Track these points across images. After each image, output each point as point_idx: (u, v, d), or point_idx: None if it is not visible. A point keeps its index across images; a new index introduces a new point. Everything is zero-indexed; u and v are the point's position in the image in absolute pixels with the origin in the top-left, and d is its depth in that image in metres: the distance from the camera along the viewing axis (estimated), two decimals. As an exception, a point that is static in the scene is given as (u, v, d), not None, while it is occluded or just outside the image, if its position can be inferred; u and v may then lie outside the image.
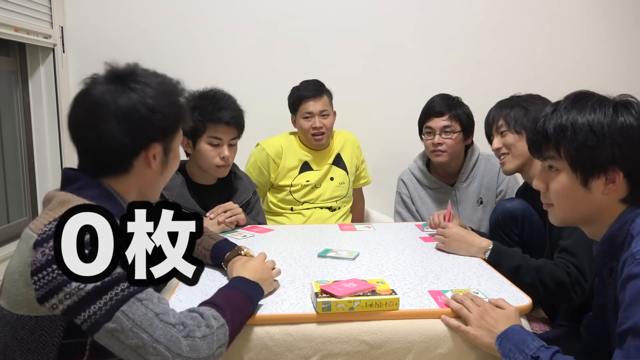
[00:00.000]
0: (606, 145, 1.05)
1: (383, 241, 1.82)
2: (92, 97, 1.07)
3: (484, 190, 2.26)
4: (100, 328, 0.94)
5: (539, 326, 1.78)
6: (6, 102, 2.60)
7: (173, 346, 0.96)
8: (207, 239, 1.53)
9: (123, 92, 1.06)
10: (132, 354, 0.96)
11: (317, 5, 2.89)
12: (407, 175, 2.38)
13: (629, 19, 3.01)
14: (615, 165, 1.06)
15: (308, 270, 1.49)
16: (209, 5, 2.86)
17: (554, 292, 1.50)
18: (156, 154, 1.11)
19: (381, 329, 1.17)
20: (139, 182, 1.12)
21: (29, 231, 0.99)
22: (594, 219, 1.13)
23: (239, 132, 2.02)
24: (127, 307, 0.95)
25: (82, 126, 1.07)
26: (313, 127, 2.41)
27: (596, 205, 1.10)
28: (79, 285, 0.93)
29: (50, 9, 2.73)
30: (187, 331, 0.99)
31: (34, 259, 0.94)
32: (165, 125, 1.11)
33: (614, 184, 1.07)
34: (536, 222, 1.80)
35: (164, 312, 0.98)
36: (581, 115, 1.08)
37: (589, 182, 1.09)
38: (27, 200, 2.72)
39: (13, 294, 0.97)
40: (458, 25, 2.95)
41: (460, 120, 2.19)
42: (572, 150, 1.08)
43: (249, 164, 2.49)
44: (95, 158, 1.08)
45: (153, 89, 1.09)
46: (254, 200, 2.19)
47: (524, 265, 1.54)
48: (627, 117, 1.06)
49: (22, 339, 0.97)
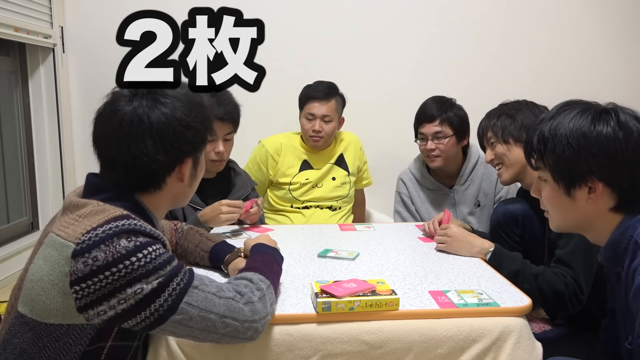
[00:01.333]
0: (581, 156, 1.05)
1: (383, 241, 1.82)
2: (123, 115, 1.05)
3: (482, 195, 2.26)
4: (167, 321, 0.99)
5: (539, 326, 1.78)
6: (6, 102, 2.60)
7: (238, 315, 1.05)
8: (206, 241, 1.53)
9: (155, 107, 1.06)
10: (203, 333, 1.03)
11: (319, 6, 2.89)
12: (406, 175, 2.38)
13: (629, 19, 3.01)
14: (593, 175, 1.06)
15: (308, 271, 1.49)
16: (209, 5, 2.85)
17: (551, 301, 1.49)
18: (188, 168, 1.12)
19: (381, 329, 1.17)
20: (169, 197, 1.14)
21: (59, 238, 0.97)
22: (587, 227, 1.14)
23: (233, 127, 2.03)
24: (188, 297, 1.00)
25: (114, 144, 1.06)
26: (312, 129, 2.39)
27: (584, 213, 1.11)
28: (135, 290, 0.95)
29: (50, 9, 2.73)
30: (245, 299, 1.07)
31: (74, 268, 0.94)
32: (198, 139, 1.12)
33: (596, 194, 1.07)
34: (537, 223, 1.80)
35: (219, 290, 1.06)
36: (562, 125, 1.08)
37: (571, 192, 1.09)
38: (27, 200, 2.72)
39: (42, 303, 0.96)
40: (459, 26, 2.95)
41: (451, 124, 2.17)
42: (552, 161, 1.10)
43: (249, 160, 2.50)
44: (128, 176, 1.07)
45: (182, 103, 1.09)
46: (253, 197, 2.19)
47: (524, 270, 1.53)
48: (604, 127, 1.05)
49: (44, 346, 0.97)
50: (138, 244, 0.97)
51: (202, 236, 1.55)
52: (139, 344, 1.12)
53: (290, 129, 2.60)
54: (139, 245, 0.97)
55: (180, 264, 1.04)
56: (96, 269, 0.93)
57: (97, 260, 0.93)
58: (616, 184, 1.06)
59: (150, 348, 1.18)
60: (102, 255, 0.94)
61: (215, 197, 2.01)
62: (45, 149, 2.78)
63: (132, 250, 0.96)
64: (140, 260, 0.96)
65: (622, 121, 1.05)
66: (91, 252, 0.94)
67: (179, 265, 1.03)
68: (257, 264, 1.23)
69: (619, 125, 1.05)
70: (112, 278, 0.94)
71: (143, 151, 1.04)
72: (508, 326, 1.20)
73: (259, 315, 1.08)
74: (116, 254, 0.94)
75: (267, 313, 1.11)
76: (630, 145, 1.04)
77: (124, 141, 1.05)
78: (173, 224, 1.57)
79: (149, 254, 0.97)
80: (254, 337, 1.09)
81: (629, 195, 1.07)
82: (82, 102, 2.87)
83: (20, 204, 2.69)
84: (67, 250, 0.95)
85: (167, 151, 1.07)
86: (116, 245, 0.95)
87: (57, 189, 2.79)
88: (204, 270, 1.49)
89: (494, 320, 1.21)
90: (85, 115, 3.11)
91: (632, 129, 1.05)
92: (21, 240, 2.52)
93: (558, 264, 1.52)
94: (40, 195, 2.78)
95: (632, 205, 1.08)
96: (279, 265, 1.29)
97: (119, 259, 0.94)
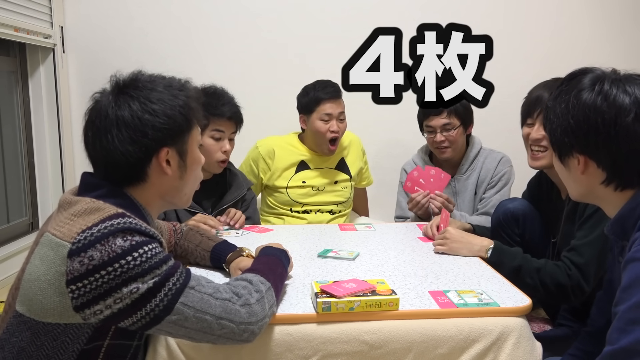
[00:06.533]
0: (563, 127, 1.04)
1: (383, 241, 1.82)
2: (95, 111, 1.09)
3: (479, 182, 2.28)
4: (162, 321, 0.99)
5: (539, 326, 1.78)
6: (6, 102, 2.60)
7: (234, 317, 1.04)
8: (206, 241, 1.53)
9: (124, 101, 1.07)
10: (199, 334, 1.03)
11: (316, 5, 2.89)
12: (409, 165, 2.39)
13: (629, 19, 3.01)
14: (573, 149, 1.04)
15: (308, 270, 1.49)
16: (208, 5, 2.86)
17: (554, 293, 1.50)
18: (170, 159, 1.11)
19: (381, 329, 1.17)
20: (159, 191, 1.12)
21: (54, 238, 0.98)
22: (595, 198, 1.10)
23: (238, 127, 2.05)
24: (184, 297, 1.00)
25: (91, 140, 1.09)
26: (331, 130, 2.32)
27: (582, 184, 1.08)
28: (131, 289, 0.95)
29: (50, 9, 2.73)
30: (242, 301, 1.07)
31: (70, 268, 0.94)
32: (173, 127, 1.09)
33: (584, 167, 1.05)
34: (538, 222, 1.80)
35: (215, 291, 1.05)
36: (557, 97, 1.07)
37: (564, 161, 1.09)
38: (27, 200, 2.72)
39: (39, 302, 0.96)
40: (458, 26, 2.94)
41: (458, 115, 2.18)
42: (547, 132, 1.10)
43: (243, 161, 2.49)
44: (109, 170, 1.08)
45: (158, 93, 1.09)
46: (250, 197, 2.19)
47: (525, 265, 1.53)
48: (588, 96, 1.00)
49: (42, 344, 0.98)
50: (134, 243, 0.97)
51: (203, 236, 1.55)
52: (139, 344, 1.11)
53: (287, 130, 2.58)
54: (135, 244, 0.97)
55: (177, 263, 1.04)
56: (92, 268, 0.94)
57: (93, 260, 0.94)
58: (598, 157, 1.02)
59: (149, 348, 1.18)
60: (98, 254, 0.94)
61: (211, 198, 2.01)
62: (45, 149, 2.78)
63: (127, 249, 0.96)
64: (136, 259, 0.96)
65: (605, 90, 1.00)
66: (87, 252, 0.94)
67: (175, 265, 1.02)
68: (260, 265, 1.23)
69: (601, 95, 1.00)
70: (108, 277, 0.94)
71: (111, 141, 1.05)
72: (508, 326, 1.20)
73: (255, 318, 1.07)
74: (112, 253, 0.94)
75: (265, 315, 1.10)
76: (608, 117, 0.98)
77: (97, 135, 1.07)
78: (172, 225, 1.57)
79: (145, 253, 0.97)
80: (250, 339, 1.08)
81: (616, 169, 1.02)
82: (82, 102, 2.84)
83: (20, 204, 2.69)
84: (63, 250, 0.95)
85: (134, 141, 1.06)
86: (112, 244, 0.95)
87: (57, 189, 2.79)
88: (204, 270, 1.49)
89: (494, 320, 1.21)
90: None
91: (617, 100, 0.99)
92: (21, 240, 2.52)
93: (570, 253, 1.52)
94: (40, 195, 2.78)
95: (623, 178, 1.03)
96: (284, 268, 1.29)
97: (115, 258, 0.94)
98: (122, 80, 1.10)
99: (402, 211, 2.37)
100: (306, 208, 2.43)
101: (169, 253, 1.06)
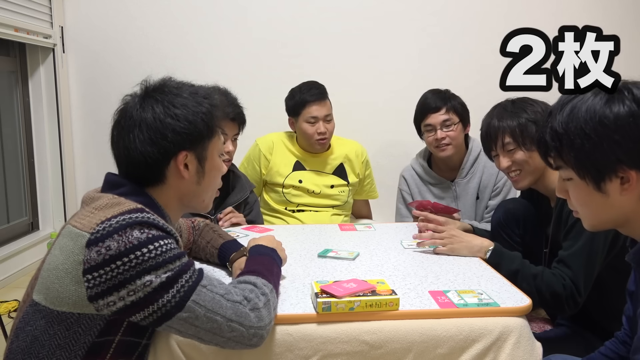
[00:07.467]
0: (604, 146, 0.93)
1: (383, 241, 1.82)
2: (122, 112, 1.13)
3: (482, 187, 2.27)
4: (173, 317, 0.99)
5: (539, 326, 1.78)
6: (6, 102, 2.60)
7: (245, 321, 1.04)
8: (217, 238, 1.53)
9: (149, 104, 1.10)
10: (208, 334, 1.03)
11: (316, 5, 2.89)
12: (408, 171, 2.39)
13: (629, 19, 3.01)
14: (623, 164, 0.93)
15: (308, 270, 1.49)
16: (208, 6, 2.86)
17: (549, 301, 1.49)
18: (188, 163, 1.13)
19: (381, 329, 1.17)
20: (177, 194, 1.15)
21: (75, 229, 1.00)
22: (624, 222, 1.00)
23: (241, 128, 2.06)
24: (196, 295, 1.01)
25: (115, 140, 1.13)
26: (318, 132, 2.35)
27: (620, 207, 0.97)
28: (145, 282, 0.96)
29: (50, 9, 2.73)
30: (251, 305, 1.06)
31: (88, 257, 0.96)
32: (193, 132, 1.12)
33: (630, 184, 0.94)
34: (538, 224, 1.80)
35: (227, 292, 1.05)
36: (573, 115, 0.96)
37: (601, 186, 0.96)
38: (27, 200, 2.72)
39: (55, 291, 0.99)
40: (458, 25, 2.95)
41: (457, 112, 2.21)
42: (572, 157, 0.97)
43: (244, 159, 2.51)
44: (130, 169, 1.12)
45: (182, 99, 1.12)
46: (252, 200, 2.19)
47: (523, 270, 1.53)
48: (621, 107, 0.92)
49: (54, 334, 0.99)
50: (150, 236, 0.99)
51: (215, 233, 1.56)
52: (147, 343, 1.13)
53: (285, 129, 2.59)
54: (151, 237, 0.99)
55: (190, 261, 1.05)
56: (108, 258, 0.95)
57: (110, 250, 0.95)
58: None
59: (149, 348, 1.18)
60: (115, 244, 0.96)
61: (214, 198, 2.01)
62: (45, 149, 2.78)
63: (143, 241, 0.97)
64: (151, 252, 0.97)
65: (638, 96, 0.93)
66: (105, 242, 0.96)
67: (188, 263, 1.04)
68: (258, 266, 1.22)
69: (636, 102, 0.92)
70: (123, 268, 0.96)
71: (133, 143, 1.09)
72: (508, 326, 1.19)
73: (264, 322, 1.07)
74: (128, 244, 0.96)
75: (271, 319, 1.11)
76: None
77: (120, 135, 1.12)
78: (190, 222, 1.58)
79: (160, 246, 0.99)
80: (259, 344, 1.08)
81: None
82: (82, 102, 2.87)
83: (20, 204, 2.69)
84: (82, 240, 0.97)
85: (154, 142, 1.09)
86: (129, 235, 0.97)
87: (57, 189, 2.79)
88: (211, 267, 1.49)
89: (494, 320, 1.20)
90: (86, 115, 3.12)
91: None
92: (21, 240, 2.52)
93: (559, 265, 1.51)
94: (40, 195, 2.78)
95: None
96: (279, 267, 1.29)
97: (131, 249, 0.96)
98: (151, 85, 1.14)
99: (401, 218, 2.36)
100: (301, 207, 2.44)
101: (184, 251, 1.07)
